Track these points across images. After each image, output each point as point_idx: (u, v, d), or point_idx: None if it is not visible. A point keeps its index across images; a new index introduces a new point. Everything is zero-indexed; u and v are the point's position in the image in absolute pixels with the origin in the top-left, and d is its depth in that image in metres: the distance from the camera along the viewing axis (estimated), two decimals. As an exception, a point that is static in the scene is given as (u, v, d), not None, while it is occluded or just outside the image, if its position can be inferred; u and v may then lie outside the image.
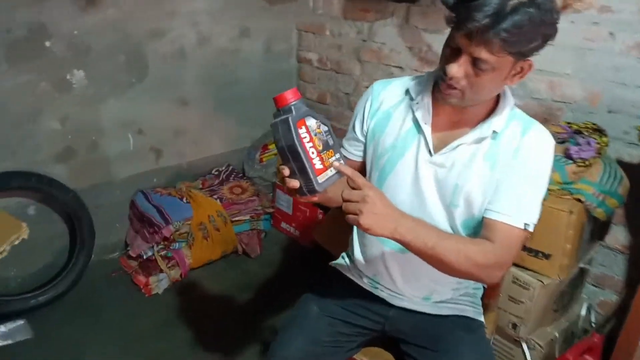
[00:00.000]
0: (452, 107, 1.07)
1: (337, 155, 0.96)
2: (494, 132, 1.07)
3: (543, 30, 0.91)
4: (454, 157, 1.10)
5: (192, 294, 2.29)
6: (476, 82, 0.97)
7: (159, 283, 2.27)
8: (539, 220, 1.06)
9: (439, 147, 1.11)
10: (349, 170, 0.95)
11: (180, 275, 2.33)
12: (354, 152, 1.30)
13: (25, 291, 2.10)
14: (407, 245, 0.98)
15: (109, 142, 2.32)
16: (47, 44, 2.02)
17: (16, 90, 2.00)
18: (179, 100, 2.49)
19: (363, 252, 1.30)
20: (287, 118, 0.89)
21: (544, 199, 1.09)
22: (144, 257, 2.31)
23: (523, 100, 1.92)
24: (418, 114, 1.13)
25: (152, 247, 2.30)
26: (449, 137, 1.11)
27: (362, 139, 1.26)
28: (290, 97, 0.91)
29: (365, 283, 1.31)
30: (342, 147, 1.33)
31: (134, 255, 2.33)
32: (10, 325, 1.36)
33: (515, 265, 1.65)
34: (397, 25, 2.35)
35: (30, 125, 2.08)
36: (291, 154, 0.90)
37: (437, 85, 1.06)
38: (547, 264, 1.59)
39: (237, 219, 2.47)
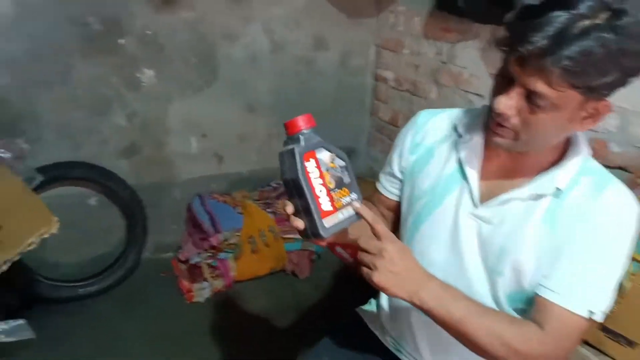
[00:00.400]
0: (507, 151, 0.87)
1: (354, 196, 0.82)
2: (558, 189, 0.85)
3: (624, 61, 0.70)
4: (504, 212, 0.89)
5: (233, 307, 2.21)
6: (531, 122, 0.77)
7: (202, 291, 2.22)
8: (624, 297, 0.83)
9: (486, 197, 0.92)
10: (368, 215, 0.81)
11: (224, 286, 2.27)
12: (389, 188, 1.13)
13: (76, 279, 2.14)
14: (428, 313, 0.81)
15: (173, 142, 2.33)
16: (121, 41, 2.07)
17: (88, 83, 2.06)
18: (247, 106, 2.46)
19: (390, 303, 1.13)
20: (293, 149, 0.77)
21: (634, 273, 0.85)
22: (192, 262, 2.28)
23: (622, 147, 1.61)
24: (464, 155, 0.94)
25: (200, 253, 2.26)
26: (499, 188, 0.91)
27: (399, 175, 1.09)
28: (302, 124, 0.80)
29: (388, 342, 1.14)
30: (379, 181, 1.18)
31: (183, 259, 2.31)
32: (12, 323, 1.33)
33: (589, 345, 1.37)
34: (480, 48, 2.13)
35: (98, 119, 2.13)
36: (295, 190, 0.78)
37: (487, 122, 0.87)
38: (630, 353, 1.29)
39: (288, 236, 2.36)
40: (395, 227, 1.21)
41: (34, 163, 2.01)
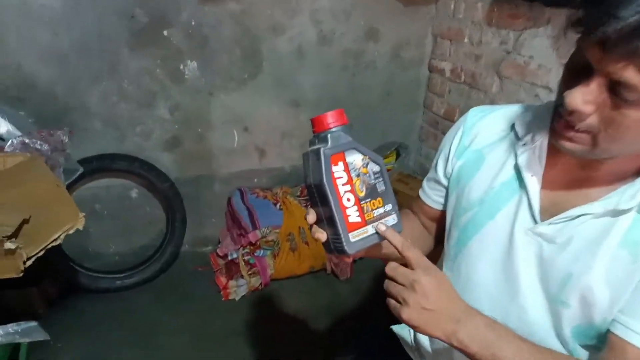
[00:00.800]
0: (576, 157, 0.71)
1: (388, 207, 0.72)
2: None
3: None
4: (572, 231, 0.73)
5: (268, 306, 2.15)
6: (616, 121, 0.61)
7: (238, 289, 2.17)
8: None
9: (549, 212, 0.77)
10: (397, 240, 0.70)
11: (261, 284, 2.21)
12: (433, 197, 1.00)
13: (114, 271, 2.16)
14: (470, 357, 0.70)
15: (215, 136, 2.28)
16: (165, 32, 2.03)
17: (134, 76, 2.05)
18: (291, 101, 2.37)
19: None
20: (319, 149, 0.68)
21: None
22: (230, 258, 2.23)
23: None
24: (523, 160, 0.79)
25: (238, 249, 2.22)
26: (566, 200, 0.76)
27: (444, 182, 0.96)
28: (331, 120, 0.69)
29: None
30: (421, 188, 1.05)
31: (221, 254, 2.28)
32: (24, 325, 1.33)
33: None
34: (552, 36, 1.90)
35: (141, 112, 2.12)
36: (319, 197, 0.68)
37: (552, 122, 0.71)
38: None
39: (329, 235, 2.26)
40: (439, 240, 1.08)
41: (78, 154, 2.04)
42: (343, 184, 0.68)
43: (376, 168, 0.71)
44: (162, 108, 2.15)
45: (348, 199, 0.68)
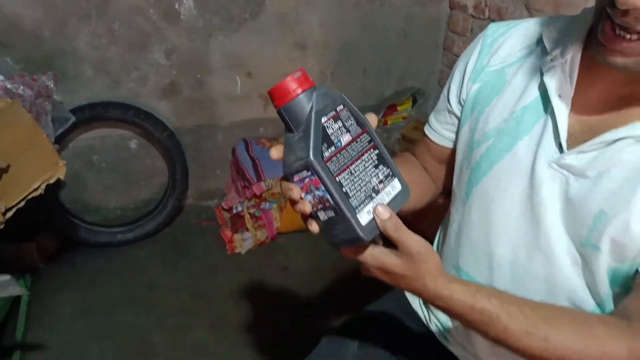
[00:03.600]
0: (621, 72, 0.57)
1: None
2: None
3: None
4: (607, 160, 0.61)
5: (274, 261, 2.05)
6: None
7: (243, 242, 2.07)
8: None
9: (579, 140, 0.64)
10: (389, 222, 0.57)
11: (267, 238, 2.10)
12: (442, 131, 0.86)
13: (114, 224, 2.08)
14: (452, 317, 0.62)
15: (215, 82, 2.13)
16: (156, -34, 1.86)
17: (124, 15, 1.89)
18: (297, 43, 2.18)
19: None
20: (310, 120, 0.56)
21: None
22: (235, 211, 2.13)
23: None
24: (550, 79, 0.66)
25: (243, 202, 2.10)
26: (601, 124, 0.63)
27: (456, 111, 0.82)
28: (296, 85, 0.57)
29: (433, 326, 0.91)
30: (427, 123, 0.90)
31: (226, 207, 2.17)
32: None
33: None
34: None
35: (134, 55, 1.97)
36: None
37: (594, 33, 0.57)
38: None
39: (338, 187, 2.12)
40: (447, 186, 0.94)
41: (70, 102, 1.92)
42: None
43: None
44: (157, 52, 1.99)
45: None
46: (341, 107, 0.58)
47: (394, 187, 0.61)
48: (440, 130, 0.86)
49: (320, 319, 1.74)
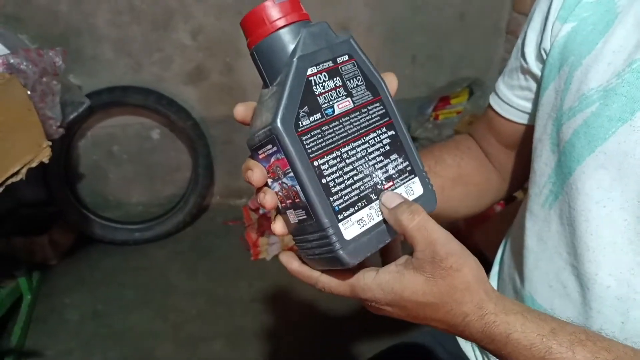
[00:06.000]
0: None
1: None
2: None
3: None
4: None
5: (304, 270, 1.80)
6: None
7: (269, 247, 1.84)
8: None
9: None
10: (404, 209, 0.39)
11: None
12: (515, 100, 0.61)
13: (133, 222, 1.90)
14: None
15: (247, 67, 1.91)
16: None
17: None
18: (337, 24, 1.94)
19: None
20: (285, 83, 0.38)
21: None
22: (262, 212, 1.91)
23: None
24: None
25: (272, 202, 1.87)
26: None
27: (534, 69, 0.57)
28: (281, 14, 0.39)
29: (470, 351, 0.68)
30: (494, 92, 0.65)
31: (253, 207, 1.96)
32: None
33: None
34: None
35: (158, 35, 1.79)
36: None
37: None
38: None
39: (380, 188, 1.86)
40: (518, 181, 0.69)
41: (89, 86, 1.77)
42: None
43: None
44: (182, 31, 1.80)
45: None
46: (345, 57, 0.41)
47: (411, 189, 0.42)
48: (510, 99, 0.61)
49: (349, 342, 1.49)
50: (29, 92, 1.34)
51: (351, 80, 0.40)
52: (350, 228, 0.38)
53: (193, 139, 1.85)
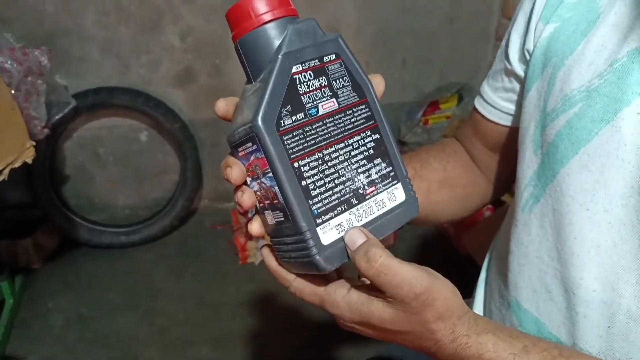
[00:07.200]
0: None
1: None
2: None
3: None
4: None
5: (293, 274, 1.79)
6: None
7: (258, 251, 1.83)
8: None
9: None
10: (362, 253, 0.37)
11: (286, 247, 1.85)
12: (499, 102, 0.60)
13: (119, 225, 1.88)
14: None
15: (235, 69, 1.88)
16: None
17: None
18: (327, 26, 1.93)
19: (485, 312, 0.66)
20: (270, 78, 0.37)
21: None
22: (250, 215, 1.89)
23: None
24: None
25: (261, 205, 1.86)
26: None
27: (518, 70, 0.56)
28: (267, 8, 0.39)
29: None
30: (479, 95, 0.64)
31: (241, 211, 1.93)
32: None
33: None
34: None
35: (146, 37, 1.77)
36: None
37: None
38: None
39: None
40: (504, 184, 0.68)
41: (77, 87, 1.75)
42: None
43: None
44: (171, 33, 1.79)
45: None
46: (332, 56, 0.40)
47: (393, 195, 0.41)
48: (495, 101, 0.61)
49: (337, 347, 1.48)
50: (12, 92, 1.32)
51: (337, 81, 0.40)
52: (329, 233, 0.37)
53: (181, 142, 1.83)
